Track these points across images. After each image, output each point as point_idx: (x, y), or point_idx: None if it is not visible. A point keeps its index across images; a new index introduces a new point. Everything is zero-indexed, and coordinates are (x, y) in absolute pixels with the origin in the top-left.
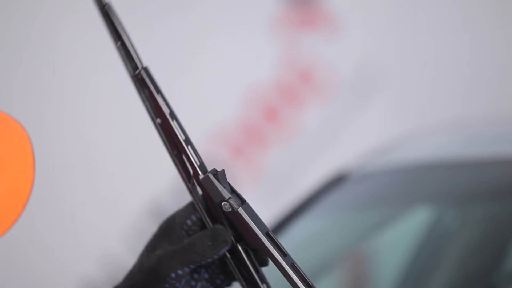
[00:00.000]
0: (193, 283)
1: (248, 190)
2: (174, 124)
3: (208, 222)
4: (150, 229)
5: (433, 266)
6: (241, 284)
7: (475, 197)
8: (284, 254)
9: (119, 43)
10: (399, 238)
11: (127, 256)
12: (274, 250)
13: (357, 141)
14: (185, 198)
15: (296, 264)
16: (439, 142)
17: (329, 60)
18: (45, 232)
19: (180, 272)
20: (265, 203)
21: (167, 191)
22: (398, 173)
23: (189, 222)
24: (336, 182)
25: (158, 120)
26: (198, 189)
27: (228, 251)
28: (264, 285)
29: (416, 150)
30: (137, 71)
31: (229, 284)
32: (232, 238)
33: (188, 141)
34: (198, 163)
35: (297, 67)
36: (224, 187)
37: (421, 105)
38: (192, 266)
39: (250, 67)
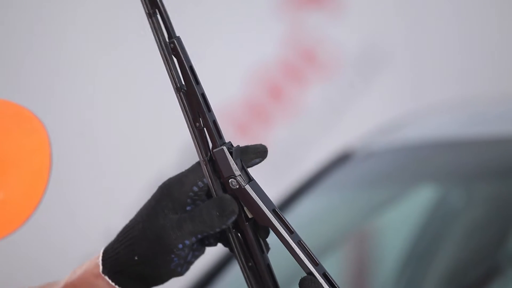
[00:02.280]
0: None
1: (252, 168)
2: (201, 96)
3: (216, 193)
4: None
5: (437, 244)
6: (240, 263)
7: (480, 176)
8: (290, 231)
9: (154, 10)
10: (403, 217)
11: None
12: (281, 228)
13: (362, 120)
14: None
15: (303, 242)
16: (444, 121)
17: (334, 38)
18: (50, 210)
19: (187, 242)
20: (269, 181)
21: (173, 166)
22: (402, 152)
23: (195, 188)
24: (340, 160)
25: (184, 90)
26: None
27: (235, 226)
28: (266, 267)
29: (421, 128)
30: (170, 40)
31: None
32: (243, 217)
33: (212, 114)
34: (219, 136)
35: (302, 46)
36: (236, 164)
37: (426, 83)
38: (199, 236)
39: (255, 45)
